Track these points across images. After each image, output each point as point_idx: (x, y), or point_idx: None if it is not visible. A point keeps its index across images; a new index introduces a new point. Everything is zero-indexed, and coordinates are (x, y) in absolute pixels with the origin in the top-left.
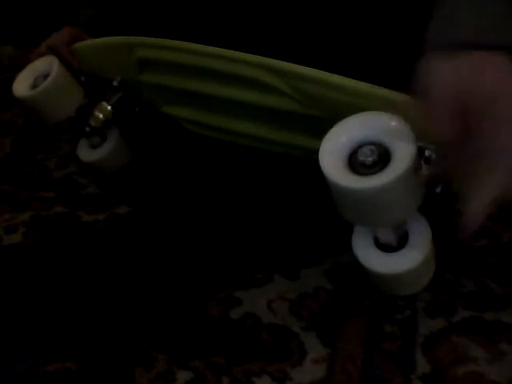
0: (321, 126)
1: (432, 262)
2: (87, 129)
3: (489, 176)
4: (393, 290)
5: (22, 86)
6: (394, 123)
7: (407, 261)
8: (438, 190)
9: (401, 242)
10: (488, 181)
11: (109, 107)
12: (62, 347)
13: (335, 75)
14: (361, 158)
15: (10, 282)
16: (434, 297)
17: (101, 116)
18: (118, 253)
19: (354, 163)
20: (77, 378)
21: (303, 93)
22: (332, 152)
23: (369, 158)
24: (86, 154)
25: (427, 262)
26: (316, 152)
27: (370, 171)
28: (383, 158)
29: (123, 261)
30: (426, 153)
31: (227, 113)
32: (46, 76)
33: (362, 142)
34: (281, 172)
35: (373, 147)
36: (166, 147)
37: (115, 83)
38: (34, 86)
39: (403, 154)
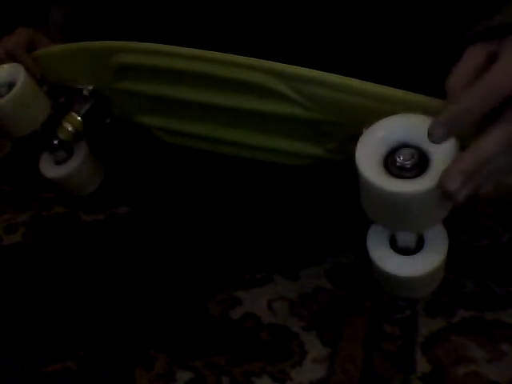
0: (320, 131)
1: (443, 267)
2: (55, 142)
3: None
4: (402, 292)
5: None
6: None
7: (427, 264)
8: None
9: (417, 245)
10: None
11: (78, 118)
12: (61, 347)
13: (344, 77)
14: (400, 160)
15: (10, 282)
16: (434, 297)
17: (70, 128)
18: (118, 253)
19: (390, 164)
20: (77, 378)
21: (309, 96)
22: (369, 151)
23: (408, 162)
24: (51, 169)
25: (443, 265)
26: (311, 157)
27: (406, 174)
28: (420, 162)
29: (123, 261)
30: None
31: (214, 120)
32: (10, 85)
33: (399, 143)
34: (279, 172)
35: (413, 150)
36: (140, 158)
37: (85, 92)
38: None
39: (445, 160)
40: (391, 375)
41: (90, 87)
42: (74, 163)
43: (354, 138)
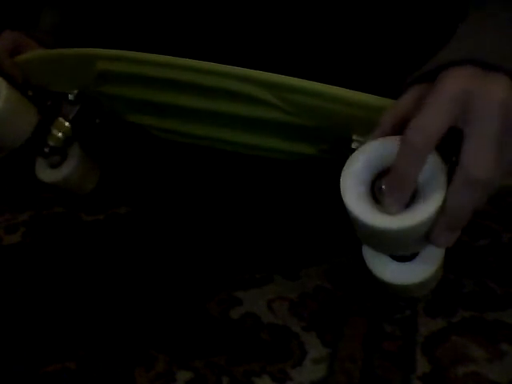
0: (309, 135)
1: (442, 267)
2: (46, 149)
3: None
4: (401, 294)
5: None
6: None
7: (424, 270)
8: None
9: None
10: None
11: (67, 123)
12: (61, 347)
13: (322, 84)
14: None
15: (9, 282)
16: (434, 297)
17: (59, 135)
18: (118, 253)
19: (377, 190)
20: (77, 377)
21: (290, 103)
22: (354, 180)
23: None
24: (47, 174)
25: (440, 268)
26: (305, 155)
27: None
28: None
29: (123, 261)
30: None
31: (203, 122)
32: None
33: (384, 168)
34: (279, 172)
35: None
36: (135, 155)
37: (71, 97)
38: None
39: (433, 188)
40: (391, 375)
41: (75, 91)
42: (68, 166)
43: (346, 140)
